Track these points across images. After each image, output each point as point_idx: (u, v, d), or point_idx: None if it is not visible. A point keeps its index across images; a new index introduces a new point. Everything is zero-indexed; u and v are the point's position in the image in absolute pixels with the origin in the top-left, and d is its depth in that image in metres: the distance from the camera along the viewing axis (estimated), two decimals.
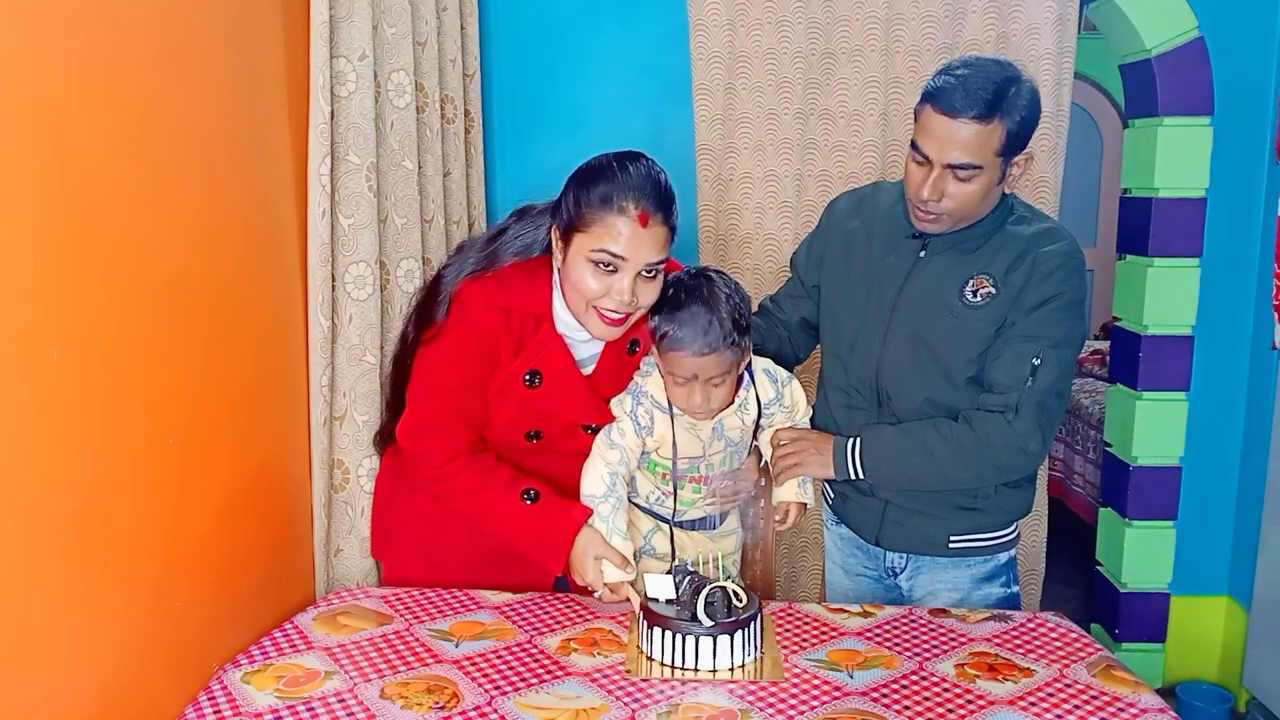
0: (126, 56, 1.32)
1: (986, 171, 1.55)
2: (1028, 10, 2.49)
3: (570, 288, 1.59)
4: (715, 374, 1.59)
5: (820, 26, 2.57)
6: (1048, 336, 1.61)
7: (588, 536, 1.63)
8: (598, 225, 1.53)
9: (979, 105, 1.50)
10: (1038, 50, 2.48)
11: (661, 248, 1.55)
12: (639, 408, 1.67)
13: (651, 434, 1.67)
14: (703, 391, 1.60)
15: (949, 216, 1.61)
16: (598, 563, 1.61)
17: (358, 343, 1.95)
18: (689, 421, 1.67)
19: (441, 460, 1.67)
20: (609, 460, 1.67)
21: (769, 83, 2.60)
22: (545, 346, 1.65)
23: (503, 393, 1.67)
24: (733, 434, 1.72)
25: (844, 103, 2.59)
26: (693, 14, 2.59)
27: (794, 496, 1.79)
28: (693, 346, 1.56)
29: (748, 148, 2.63)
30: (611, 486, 1.66)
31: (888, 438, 1.70)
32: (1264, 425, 2.73)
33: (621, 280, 1.54)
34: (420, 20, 2.13)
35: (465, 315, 1.63)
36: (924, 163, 1.58)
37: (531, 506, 1.65)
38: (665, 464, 1.70)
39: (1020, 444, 1.62)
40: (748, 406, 1.72)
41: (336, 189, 1.88)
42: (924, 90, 1.58)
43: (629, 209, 1.52)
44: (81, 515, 1.24)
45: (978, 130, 1.52)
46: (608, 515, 1.65)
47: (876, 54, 2.56)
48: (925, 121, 1.56)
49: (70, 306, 1.21)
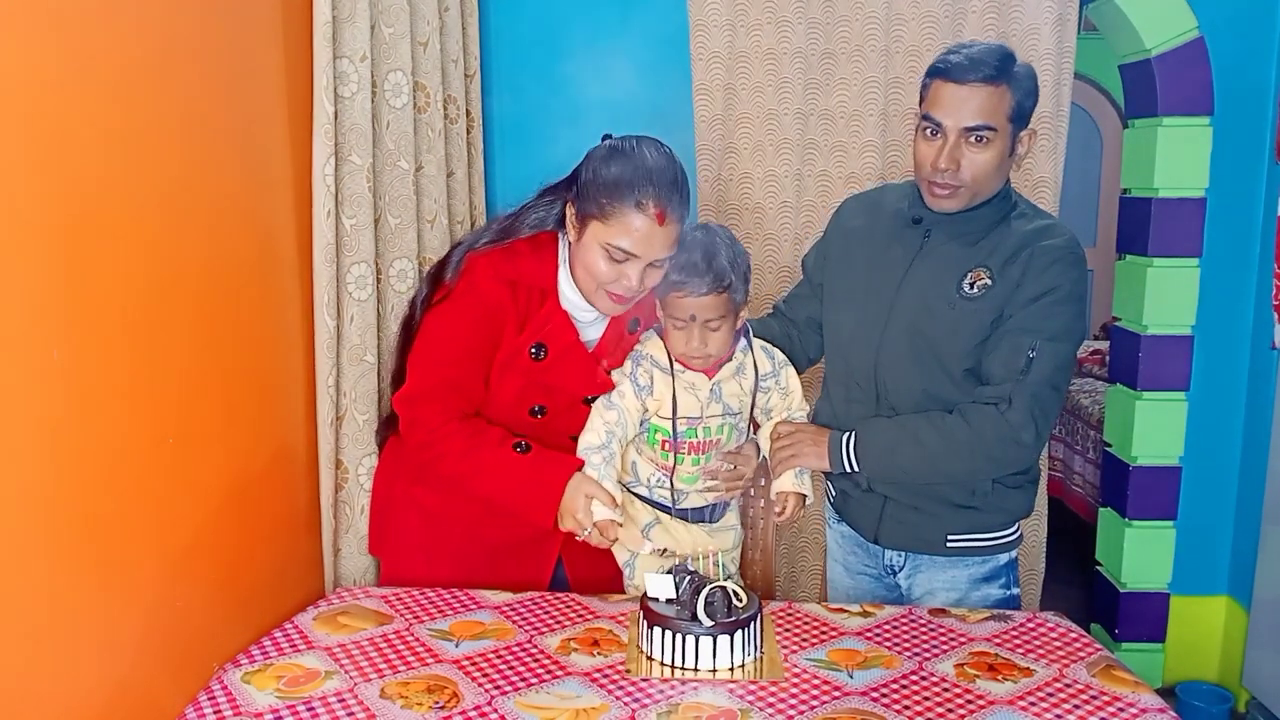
0: (126, 57, 1.32)
1: (1000, 137, 1.59)
2: (1028, 10, 2.49)
3: (582, 269, 1.64)
4: (712, 316, 1.64)
5: (820, 26, 2.57)
6: (1044, 329, 1.61)
7: (579, 478, 1.66)
8: (616, 219, 1.57)
9: (987, 69, 1.57)
10: (1038, 50, 2.48)
11: (672, 244, 1.61)
12: (638, 369, 1.71)
13: (651, 393, 1.71)
14: (700, 334, 1.65)
15: (966, 189, 1.62)
16: (588, 501, 1.63)
17: (359, 342, 1.95)
18: (688, 381, 1.70)
19: (435, 425, 1.69)
20: (607, 420, 1.71)
21: (769, 83, 2.60)
22: (551, 320, 1.68)
23: (508, 366, 1.69)
24: (731, 401, 1.74)
25: (844, 103, 2.59)
26: (693, 14, 2.59)
27: (792, 487, 1.80)
28: (690, 286, 1.61)
29: (747, 148, 2.63)
30: (606, 442, 1.69)
31: (881, 430, 1.71)
32: (1264, 425, 2.73)
33: (632, 269, 1.60)
34: (421, 20, 2.13)
35: (473, 286, 1.66)
36: (936, 134, 1.61)
37: (523, 456, 1.67)
38: (665, 428, 1.72)
39: (1013, 435, 1.62)
40: (745, 372, 1.75)
41: (340, 189, 1.88)
42: (930, 69, 1.62)
43: (648, 206, 1.56)
44: (81, 515, 1.24)
45: (990, 92, 1.57)
46: (599, 464, 1.68)
47: (876, 54, 2.56)
48: (936, 93, 1.61)
49: (70, 306, 1.21)
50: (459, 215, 2.41)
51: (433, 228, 2.23)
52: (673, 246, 1.61)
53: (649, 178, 1.56)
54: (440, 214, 2.25)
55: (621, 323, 1.75)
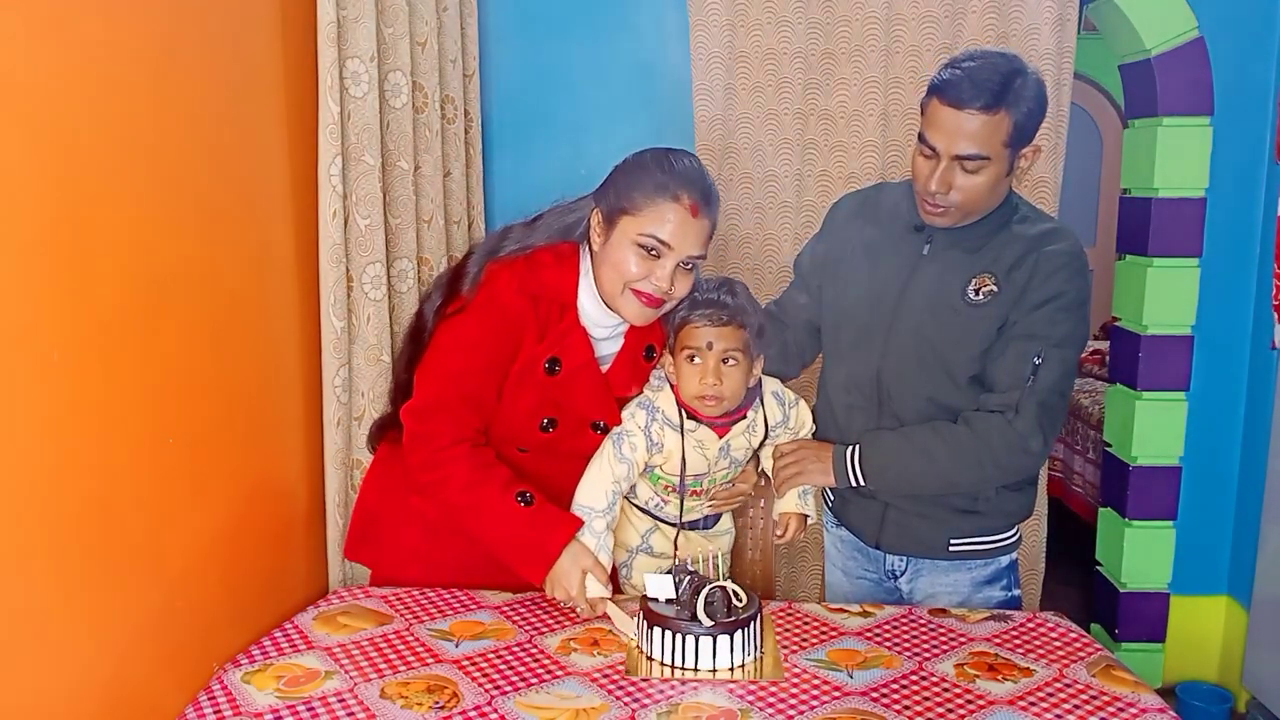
0: (127, 57, 1.32)
1: (994, 163, 1.56)
2: (1028, 10, 2.49)
3: (610, 268, 1.60)
4: (730, 348, 1.60)
5: (820, 26, 2.57)
6: (1050, 336, 1.60)
7: (577, 550, 1.61)
8: (649, 210, 1.56)
9: (985, 96, 1.51)
10: (1038, 50, 2.48)
11: (704, 242, 1.60)
12: (653, 424, 1.67)
13: (660, 450, 1.68)
14: (715, 370, 1.60)
15: (957, 209, 1.61)
16: (583, 576, 1.60)
17: (375, 342, 1.96)
18: (698, 439, 1.67)
19: (444, 443, 1.62)
20: (616, 476, 1.66)
21: (769, 83, 2.59)
22: (568, 336, 1.65)
23: (523, 377, 1.65)
24: (738, 454, 1.73)
25: (844, 103, 2.59)
26: (693, 14, 2.59)
27: (795, 508, 1.79)
28: (710, 313, 1.60)
29: (747, 148, 2.63)
30: (610, 505, 1.66)
31: (886, 443, 1.69)
32: (1264, 425, 2.73)
33: (664, 266, 1.58)
34: (420, 20, 2.14)
35: (494, 298, 1.62)
36: (932, 156, 1.58)
37: (524, 510, 1.61)
38: (670, 478, 1.71)
39: (1021, 444, 1.61)
40: (755, 429, 1.73)
41: (353, 190, 1.89)
42: (931, 84, 1.59)
43: (682, 198, 1.56)
44: (81, 516, 1.24)
45: (985, 121, 1.52)
46: (600, 532, 1.64)
47: (876, 54, 2.55)
48: (933, 114, 1.57)
49: (70, 307, 1.21)
50: (456, 215, 2.41)
51: (429, 228, 2.23)
52: (704, 246, 1.60)
53: (684, 174, 1.58)
54: (437, 214, 2.26)
55: (638, 343, 1.71)
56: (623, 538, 1.80)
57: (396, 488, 1.78)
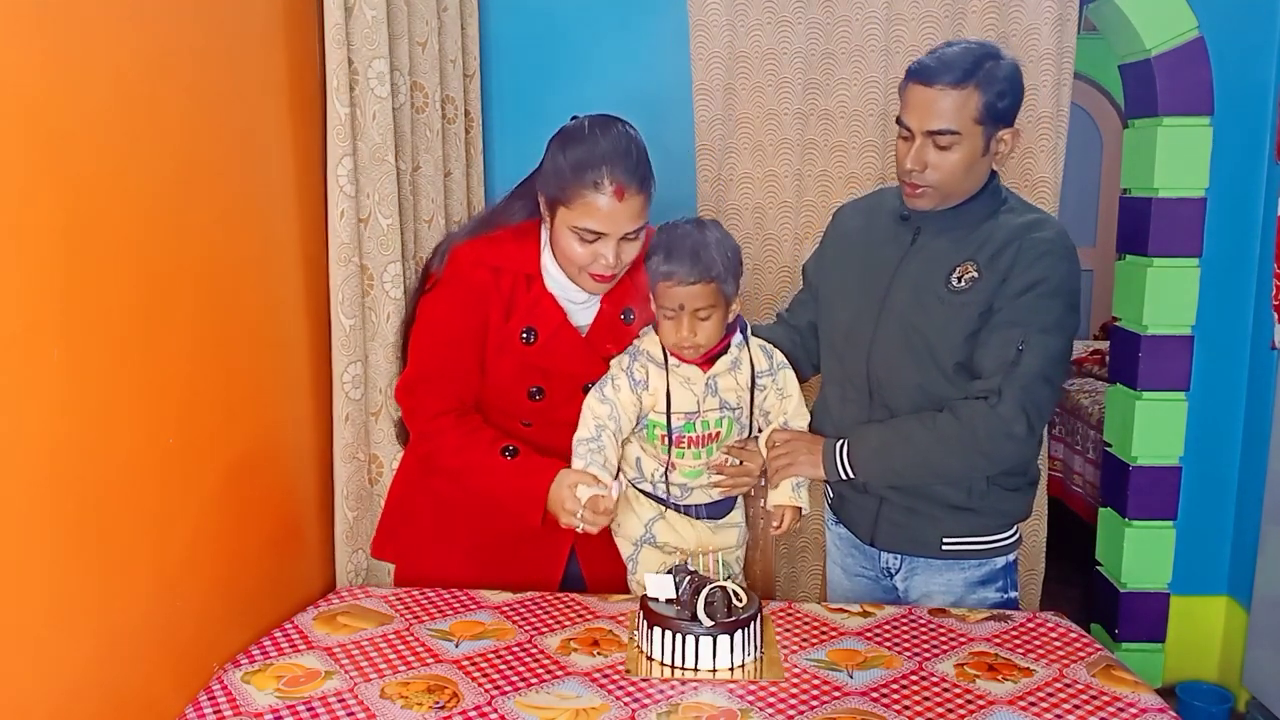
0: (127, 56, 1.32)
1: (966, 140, 1.60)
2: (1028, 10, 2.49)
3: (559, 254, 1.68)
4: (701, 305, 1.65)
5: (820, 27, 2.57)
6: (1034, 322, 1.61)
7: (562, 472, 1.67)
8: (578, 201, 1.61)
9: (955, 72, 1.58)
10: (1038, 50, 2.48)
11: (638, 216, 1.64)
12: (634, 364, 1.73)
13: (647, 388, 1.72)
14: (689, 324, 1.66)
15: (935, 190, 1.64)
16: (573, 489, 1.63)
17: (395, 340, 1.97)
18: (683, 375, 1.71)
19: (430, 414, 1.73)
20: (598, 415, 1.71)
21: (769, 83, 2.60)
22: (538, 304, 1.72)
23: (501, 351, 1.73)
24: (728, 395, 1.74)
25: (844, 103, 2.59)
26: (693, 14, 2.59)
27: (788, 500, 1.80)
28: (679, 275, 1.63)
29: (747, 148, 2.63)
30: (595, 435, 1.70)
31: (873, 434, 1.71)
32: (1264, 425, 2.73)
33: (605, 246, 1.63)
34: (420, 20, 2.14)
35: (456, 273, 1.71)
36: (909, 137, 1.63)
37: (510, 462, 1.70)
38: (663, 423, 1.72)
39: (1004, 428, 1.61)
40: (741, 367, 1.75)
41: (375, 190, 1.91)
42: (908, 69, 1.64)
43: (604, 185, 1.59)
44: (82, 515, 1.24)
45: (954, 96, 1.58)
46: (584, 455, 1.68)
47: (876, 54, 2.56)
48: (907, 95, 1.64)
49: (70, 306, 1.21)
50: (456, 215, 2.41)
51: (430, 227, 2.23)
52: (640, 218, 1.63)
53: (601, 157, 1.59)
54: (437, 214, 2.26)
55: (614, 308, 1.77)
56: (627, 529, 1.80)
57: (416, 480, 1.86)
